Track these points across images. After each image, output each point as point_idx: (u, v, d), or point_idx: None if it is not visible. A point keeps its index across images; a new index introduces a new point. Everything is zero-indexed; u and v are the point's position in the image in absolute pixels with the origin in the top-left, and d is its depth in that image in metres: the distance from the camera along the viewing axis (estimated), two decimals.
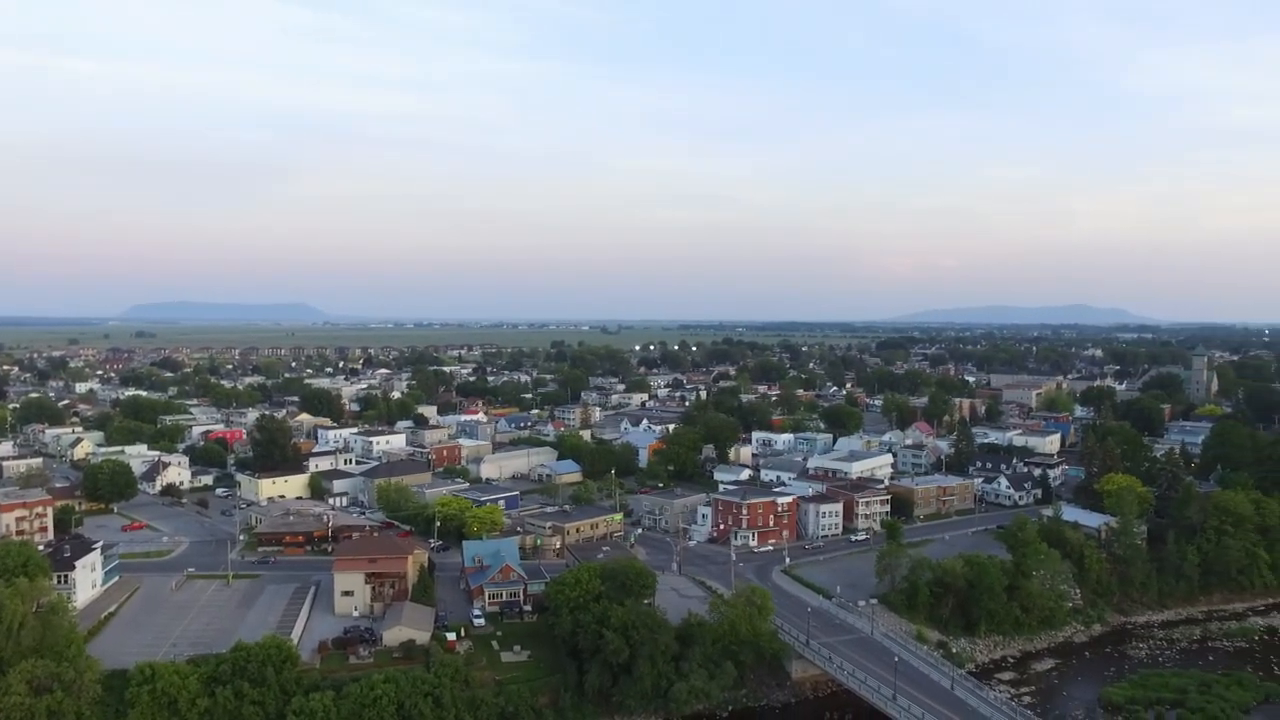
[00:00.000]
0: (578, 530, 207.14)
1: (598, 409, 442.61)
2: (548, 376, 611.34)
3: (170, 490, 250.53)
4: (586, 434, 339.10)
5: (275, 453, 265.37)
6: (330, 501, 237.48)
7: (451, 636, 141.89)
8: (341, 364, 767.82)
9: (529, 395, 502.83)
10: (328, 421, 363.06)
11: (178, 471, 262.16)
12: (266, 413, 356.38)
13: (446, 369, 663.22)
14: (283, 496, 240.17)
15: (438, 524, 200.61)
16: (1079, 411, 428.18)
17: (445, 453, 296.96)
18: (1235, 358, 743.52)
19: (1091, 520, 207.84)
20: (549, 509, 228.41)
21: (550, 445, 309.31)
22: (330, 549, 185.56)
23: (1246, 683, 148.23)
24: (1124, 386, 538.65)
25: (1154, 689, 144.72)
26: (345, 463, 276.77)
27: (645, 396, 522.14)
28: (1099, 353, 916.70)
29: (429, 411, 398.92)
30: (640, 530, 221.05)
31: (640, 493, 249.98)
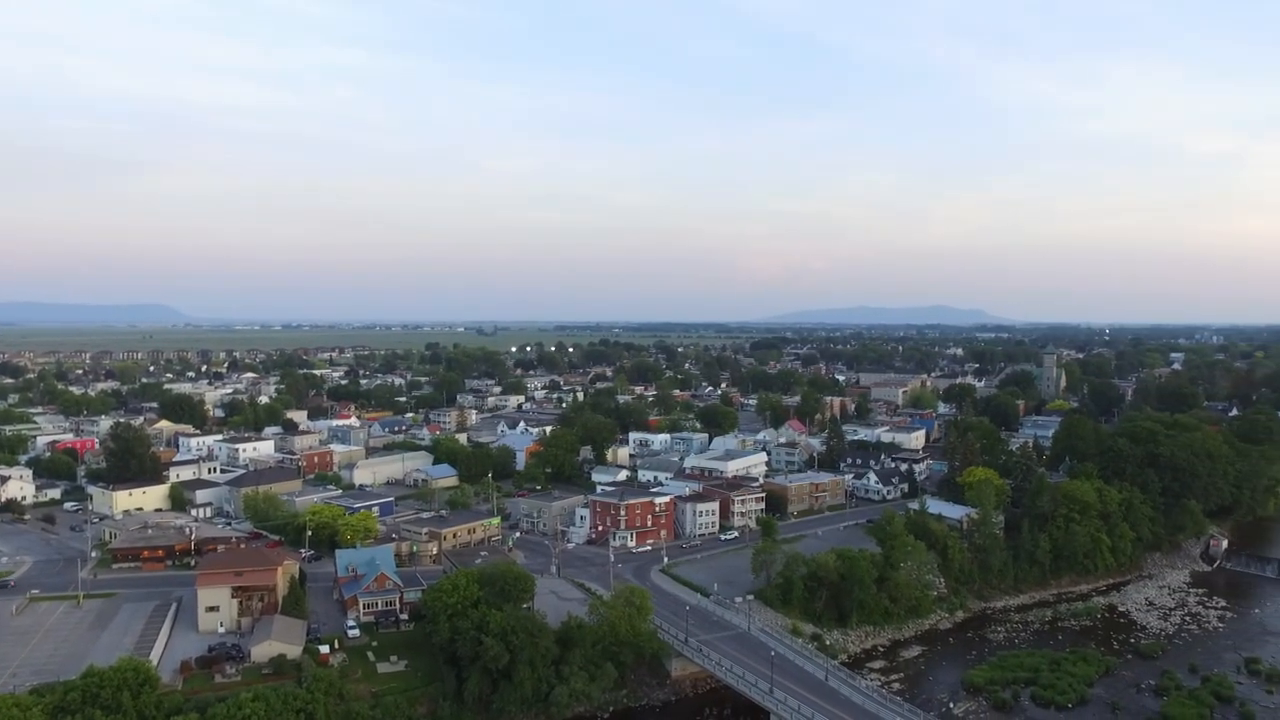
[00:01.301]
0: (454, 535, 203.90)
1: (474, 412, 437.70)
2: (422, 379, 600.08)
3: (11, 506, 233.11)
4: (463, 437, 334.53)
5: (132, 463, 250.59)
6: (193, 513, 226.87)
7: (325, 649, 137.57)
8: (204, 368, 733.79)
9: (403, 398, 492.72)
10: (190, 428, 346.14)
11: (19, 485, 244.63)
12: (122, 420, 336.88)
13: (317, 372, 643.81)
14: (140, 509, 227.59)
15: (309, 533, 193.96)
16: (942, 408, 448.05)
17: (316, 459, 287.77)
18: (1081, 356, 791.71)
19: (954, 512, 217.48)
20: (425, 514, 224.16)
21: (425, 449, 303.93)
22: (193, 563, 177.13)
23: (1090, 658, 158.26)
24: (983, 384, 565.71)
25: (1011, 669, 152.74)
26: (209, 472, 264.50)
27: (522, 398, 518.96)
28: (960, 352, 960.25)
29: (299, 416, 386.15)
30: (518, 534, 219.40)
31: (518, 495, 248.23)
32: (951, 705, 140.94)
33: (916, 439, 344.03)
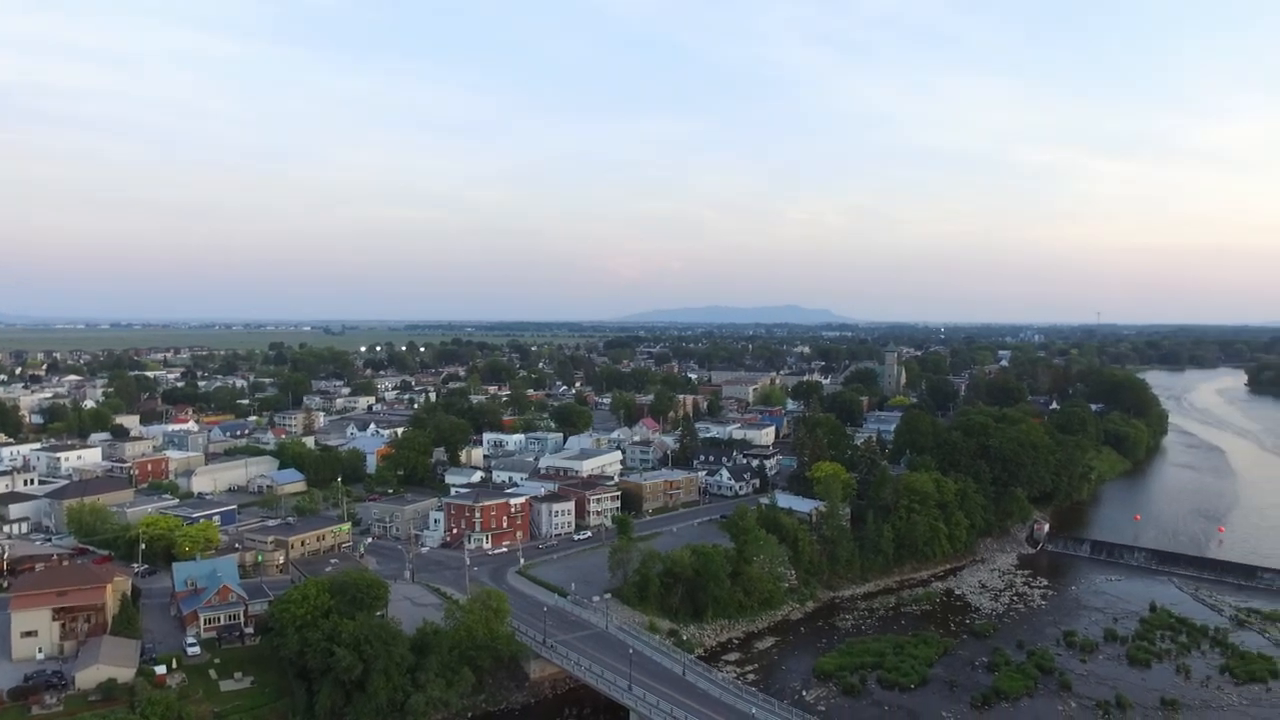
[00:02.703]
0: (303, 543, 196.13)
1: (321, 414, 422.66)
2: (266, 380, 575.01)
3: None
4: (310, 440, 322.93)
5: None
6: (6, 529, 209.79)
7: (161, 670, 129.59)
8: (19, 370, 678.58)
9: (246, 401, 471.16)
10: (1, 436, 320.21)
11: None
12: None
13: (150, 374, 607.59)
14: None
15: (142, 546, 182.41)
16: (791, 405, 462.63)
17: (150, 466, 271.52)
18: (919, 354, 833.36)
19: (803, 506, 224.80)
20: (270, 522, 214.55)
21: (270, 454, 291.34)
22: (6, 584, 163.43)
23: (930, 641, 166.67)
24: (829, 381, 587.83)
25: (858, 655, 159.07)
26: (26, 483, 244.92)
27: (372, 400, 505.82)
28: (807, 350, 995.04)
29: (130, 421, 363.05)
30: (370, 539, 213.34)
31: (369, 500, 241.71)
32: (804, 693, 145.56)
33: (767, 435, 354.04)
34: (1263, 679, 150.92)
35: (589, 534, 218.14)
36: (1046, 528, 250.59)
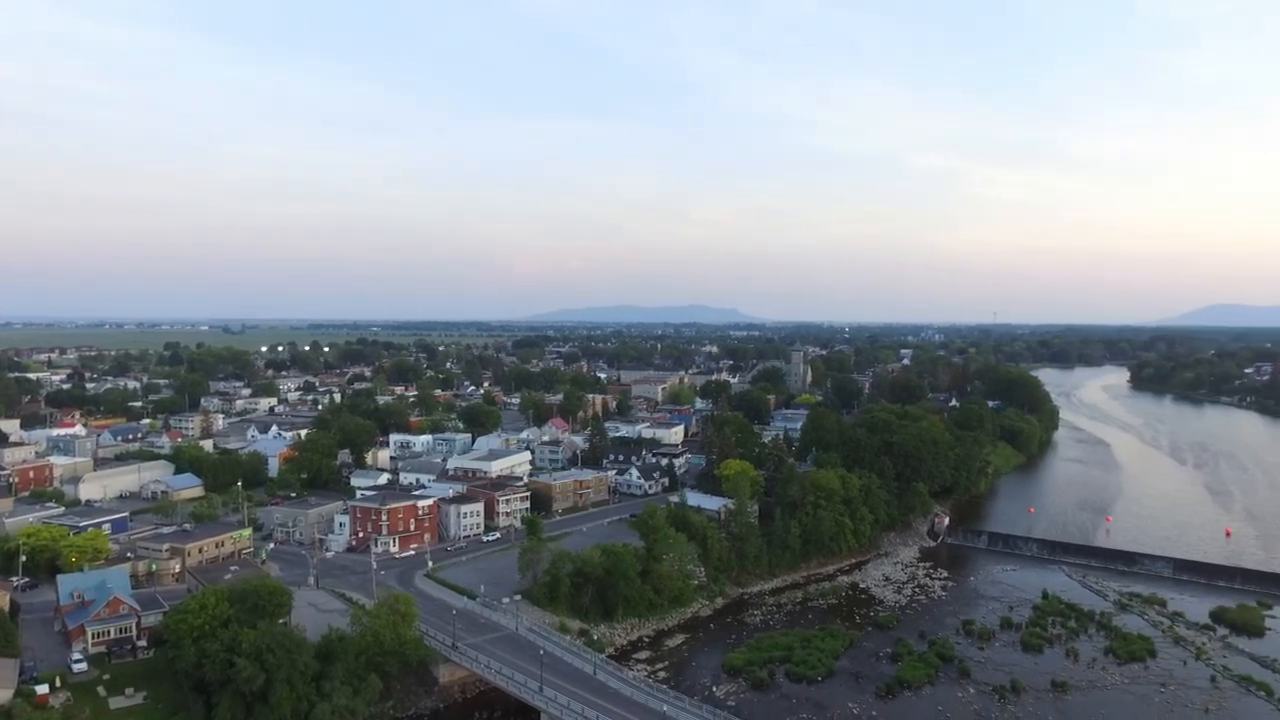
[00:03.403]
0: (200, 550, 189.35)
1: (221, 416, 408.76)
2: (161, 382, 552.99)
3: None
4: (208, 444, 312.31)
5: None
6: None
7: (43, 689, 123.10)
8: None
9: (139, 404, 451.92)
10: None
11: None
12: None
13: (32, 375, 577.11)
14: None
15: (23, 558, 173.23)
16: (699, 404, 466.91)
17: (32, 473, 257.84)
18: (824, 353, 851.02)
19: (712, 503, 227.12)
20: (166, 530, 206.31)
21: (166, 458, 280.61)
22: None
23: (836, 634, 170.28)
24: (737, 380, 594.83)
25: (767, 650, 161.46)
26: None
27: (274, 401, 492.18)
28: (715, 349, 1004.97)
29: (9, 426, 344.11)
30: (272, 545, 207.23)
31: (271, 504, 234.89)
32: (714, 688, 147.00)
33: (676, 434, 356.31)
34: (1142, 658, 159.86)
35: (498, 535, 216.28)
36: (946, 521, 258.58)
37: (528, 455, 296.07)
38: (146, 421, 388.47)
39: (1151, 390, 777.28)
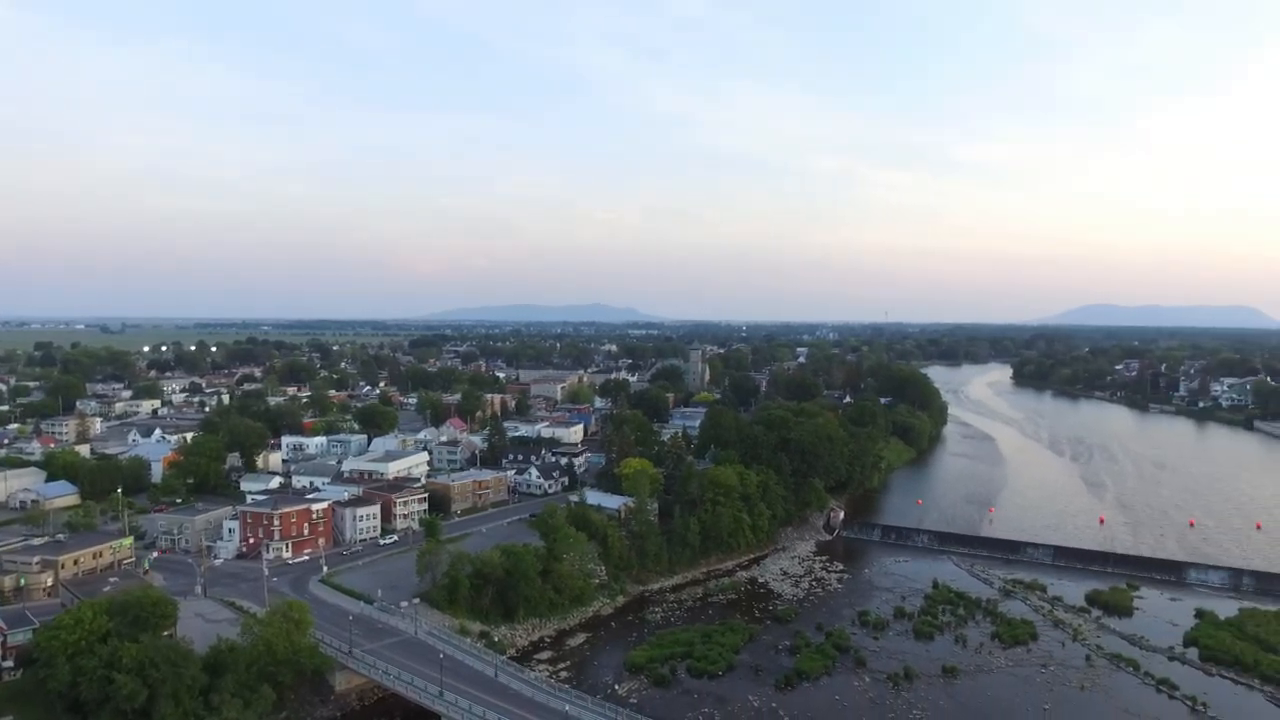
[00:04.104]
0: (76, 562, 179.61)
1: (98, 420, 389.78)
2: (31, 384, 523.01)
3: None
4: (85, 449, 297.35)
5: None
6: None
7: None
8: None
9: (6, 407, 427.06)
10: None
11: None
12: None
13: None
14: None
15: None
16: (599, 402, 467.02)
17: None
18: (722, 351, 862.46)
19: (612, 502, 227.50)
20: (36, 541, 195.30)
21: (36, 465, 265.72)
22: None
23: (736, 628, 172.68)
24: (636, 378, 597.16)
25: (668, 646, 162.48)
26: None
27: (158, 403, 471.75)
28: (614, 348, 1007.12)
29: None
30: (155, 554, 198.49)
31: (155, 511, 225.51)
32: (616, 686, 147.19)
33: (575, 433, 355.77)
34: (1025, 641, 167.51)
35: (395, 538, 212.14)
36: (842, 515, 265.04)
37: (425, 456, 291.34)
38: (14, 426, 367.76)
39: (1032, 386, 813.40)
